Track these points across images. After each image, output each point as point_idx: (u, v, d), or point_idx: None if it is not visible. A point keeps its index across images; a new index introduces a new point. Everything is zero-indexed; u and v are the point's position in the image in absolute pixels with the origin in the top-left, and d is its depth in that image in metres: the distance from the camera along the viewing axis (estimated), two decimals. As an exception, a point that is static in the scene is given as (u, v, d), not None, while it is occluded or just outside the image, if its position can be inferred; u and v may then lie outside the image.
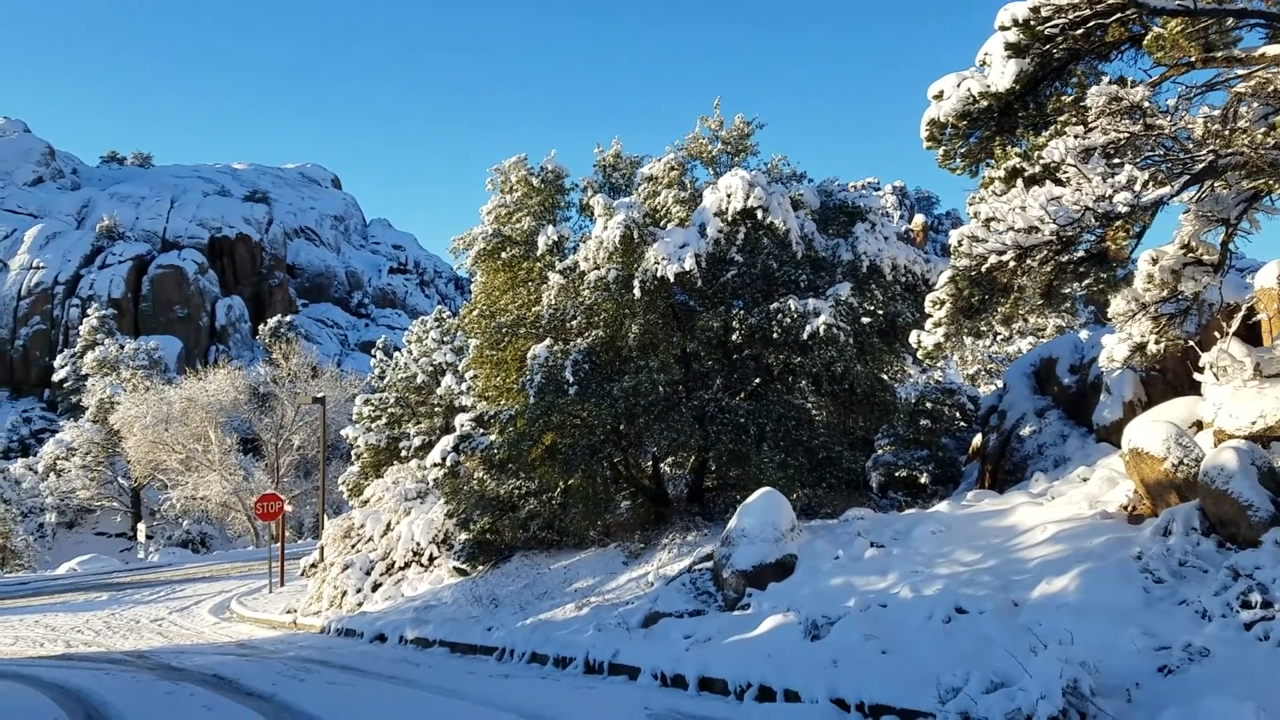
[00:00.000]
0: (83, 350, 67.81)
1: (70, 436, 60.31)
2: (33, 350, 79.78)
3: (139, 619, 24.84)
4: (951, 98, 11.72)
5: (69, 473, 58.69)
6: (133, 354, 64.68)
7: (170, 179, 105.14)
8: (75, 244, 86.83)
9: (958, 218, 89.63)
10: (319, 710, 10.39)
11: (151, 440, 53.11)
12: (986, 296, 10.63)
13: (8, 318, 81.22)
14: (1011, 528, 11.21)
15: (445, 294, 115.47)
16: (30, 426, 72.64)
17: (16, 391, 79.51)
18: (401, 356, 32.38)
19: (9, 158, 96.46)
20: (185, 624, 23.58)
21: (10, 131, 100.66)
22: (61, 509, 58.30)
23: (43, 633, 22.97)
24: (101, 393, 60.70)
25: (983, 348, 28.57)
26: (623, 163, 19.02)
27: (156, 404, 54.46)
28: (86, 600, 30.28)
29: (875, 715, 8.02)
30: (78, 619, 25.45)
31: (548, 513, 18.64)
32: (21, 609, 28.78)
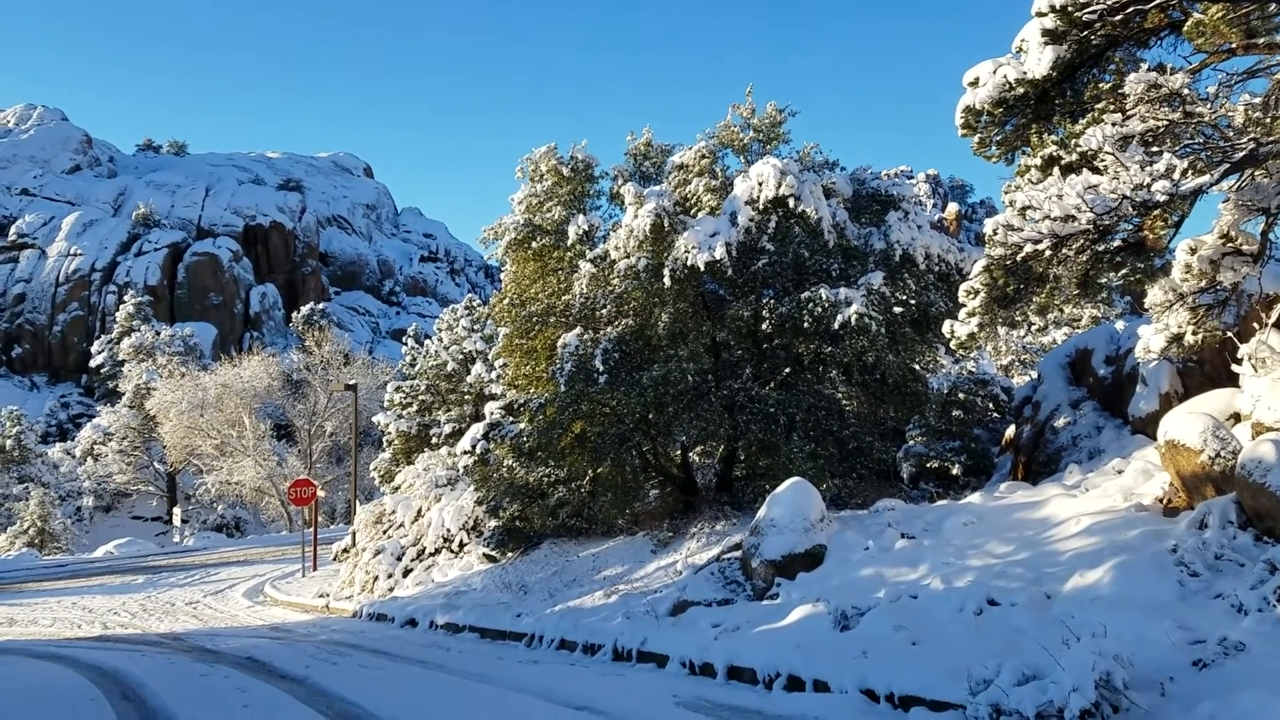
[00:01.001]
0: (119, 336, 68.78)
1: (107, 421, 61.26)
2: (70, 336, 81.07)
3: (174, 602, 25.22)
4: (987, 85, 11.59)
5: (106, 457, 59.63)
6: (168, 340, 65.54)
7: (205, 167, 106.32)
8: (112, 231, 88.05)
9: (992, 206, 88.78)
10: (351, 693, 10.50)
11: (187, 426, 53.84)
12: (1022, 286, 10.53)
13: (46, 304, 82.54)
14: (1045, 520, 11.11)
15: (475, 282, 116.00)
16: (68, 411, 73.93)
17: (54, 377, 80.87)
18: (432, 344, 32.59)
19: (47, 146, 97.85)
20: (220, 607, 23.92)
21: (48, 120, 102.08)
22: (98, 493, 59.26)
23: (80, 614, 23.39)
24: (138, 378, 61.57)
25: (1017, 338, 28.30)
26: (653, 151, 18.98)
27: (192, 390, 55.18)
28: (123, 583, 30.78)
29: (905, 706, 7.98)
30: (114, 601, 25.88)
31: (577, 501, 18.71)
32: (59, 591, 29.31)
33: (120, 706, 10.37)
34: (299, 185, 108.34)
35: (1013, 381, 22.03)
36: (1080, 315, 27.29)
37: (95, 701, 10.74)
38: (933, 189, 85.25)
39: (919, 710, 7.84)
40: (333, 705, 9.93)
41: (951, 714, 7.55)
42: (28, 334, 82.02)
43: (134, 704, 10.50)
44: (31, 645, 17.64)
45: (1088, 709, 6.66)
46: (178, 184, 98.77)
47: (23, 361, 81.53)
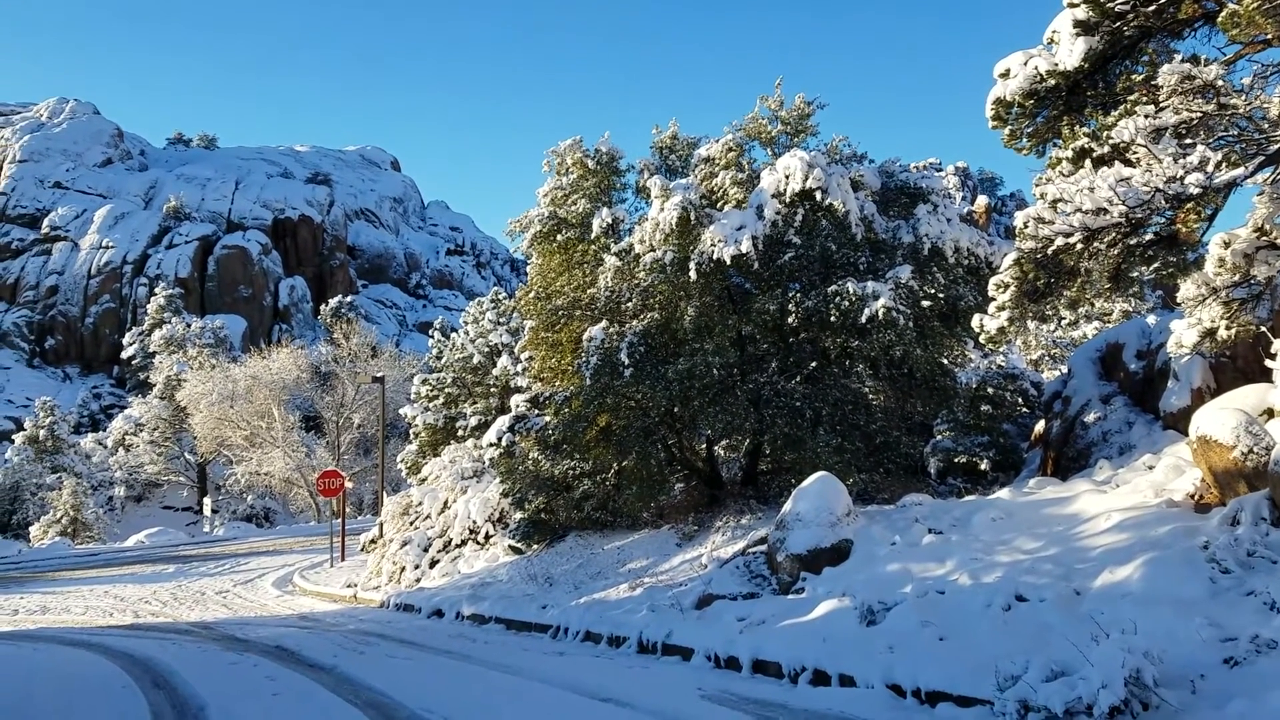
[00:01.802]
0: (150, 328, 69.50)
1: (139, 412, 61.97)
2: (102, 328, 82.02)
3: (204, 591, 25.50)
4: (1018, 76, 11.49)
5: (137, 448, 60.34)
6: (199, 332, 66.17)
7: (235, 161, 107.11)
8: (143, 224, 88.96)
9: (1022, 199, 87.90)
10: (379, 682, 10.59)
11: (217, 417, 54.40)
12: (1052, 280, 10.44)
13: (78, 296, 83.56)
14: (1074, 515, 11.02)
15: (501, 275, 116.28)
16: (100, 402, 74.88)
17: (87, 368, 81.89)
18: (458, 337, 32.71)
19: (79, 139, 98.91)
20: (249, 596, 24.16)
21: (80, 114, 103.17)
22: (130, 483, 59.96)
23: (112, 603, 23.71)
24: (169, 370, 62.22)
25: (1047, 332, 28.04)
26: (679, 144, 18.94)
27: (222, 381, 55.73)
28: (154, 572, 31.16)
29: (932, 701, 7.95)
30: (145, 590, 26.21)
31: (602, 494, 18.75)
32: (92, 579, 29.72)
33: (151, 694, 10.52)
34: (327, 179, 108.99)
35: (1042, 376, 21.84)
36: (1111, 310, 27.01)
37: (127, 689, 10.90)
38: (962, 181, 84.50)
39: (946, 706, 7.81)
40: (360, 694, 10.02)
41: (979, 710, 7.51)
42: (60, 326, 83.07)
43: (165, 691, 10.64)
44: (64, 633, 17.90)
45: (1117, 706, 6.62)
46: (208, 177, 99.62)
47: (55, 353, 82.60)
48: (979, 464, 16.45)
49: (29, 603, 24.23)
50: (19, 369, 79.98)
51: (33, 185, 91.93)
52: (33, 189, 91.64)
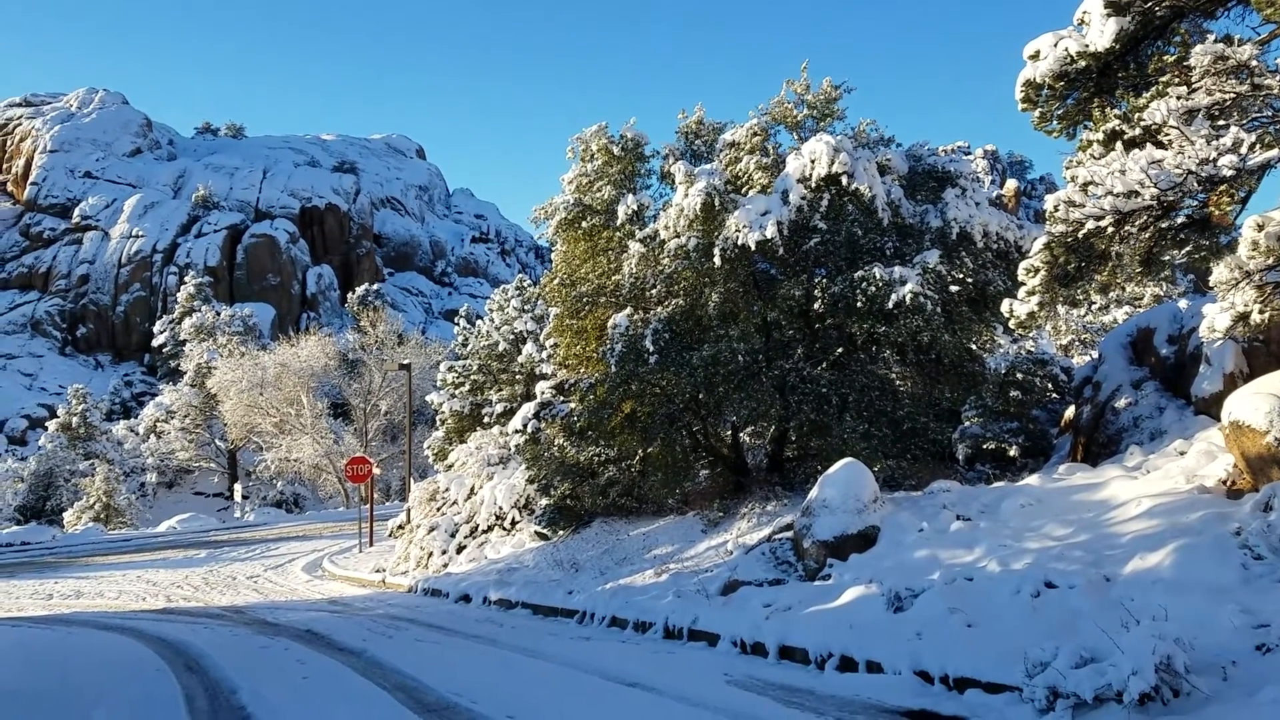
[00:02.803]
0: (180, 316, 70.22)
1: (169, 400, 62.69)
2: (133, 316, 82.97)
3: (235, 575, 25.80)
4: (1048, 58, 11.35)
5: (168, 434, 61.06)
6: (228, 320, 66.78)
7: (262, 150, 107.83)
8: (172, 213, 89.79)
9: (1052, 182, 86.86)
10: (407, 666, 10.68)
11: (247, 404, 54.95)
12: (1083, 264, 10.32)
13: (109, 285, 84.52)
14: (1104, 502, 10.92)
15: (526, 263, 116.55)
16: (131, 390, 75.79)
17: (118, 356, 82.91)
18: (483, 325, 32.82)
19: (109, 129, 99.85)
20: (279, 581, 24.42)
21: (109, 104, 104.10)
22: (161, 469, 60.72)
23: (144, 588, 24.03)
24: (199, 358, 62.86)
25: (1077, 317, 27.73)
26: (705, 129, 18.85)
27: (251, 369, 56.25)
28: (185, 557, 31.55)
29: (960, 688, 7.92)
30: (177, 575, 26.55)
31: (627, 480, 18.77)
32: (125, 565, 30.14)
33: (184, 677, 10.66)
34: (353, 167, 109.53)
35: (1072, 361, 21.59)
36: (1142, 294, 26.69)
37: (160, 672, 11.05)
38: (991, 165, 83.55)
39: (974, 692, 7.78)
40: (389, 677, 10.12)
41: (1008, 696, 7.48)
42: (92, 314, 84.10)
43: (197, 675, 10.78)
44: (98, 617, 18.17)
45: (1147, 692, 6.57)
46: (235, 166, 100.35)
47: (87, 341, 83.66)
48: (1008, 450, 16.31)
49: (64, 587, 24.60)
50: (52, 357, 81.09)
51: (63, 175, 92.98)
52: (63, 179, 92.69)
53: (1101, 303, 27.66)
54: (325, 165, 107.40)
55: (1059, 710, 6.91)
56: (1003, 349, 18.43)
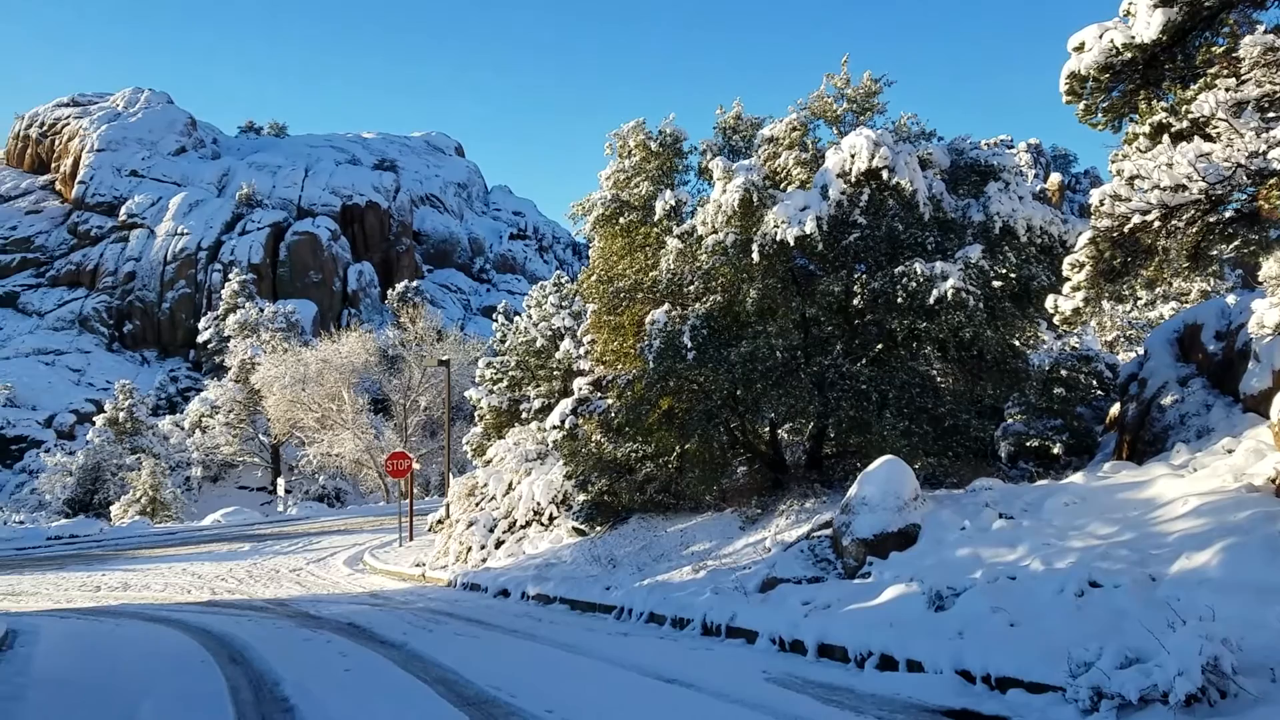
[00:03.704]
0: (225, 313, 71.22)
1: (214, 395, 63.67)
2: (178, 313, 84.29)
3: (278, 569, 26.14)
4: (1093, 50, 11.18)
5: (213, 429, 62.02)
6: (271, 317, 67.68)
7: (304, 148, 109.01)
8: (216, 211, 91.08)
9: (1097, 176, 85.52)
10: (447, 660, 10.77)
11: (289, 399, 55.68)
12: (1129, 259, 10.17)
13: (155, 282, 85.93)
14: (1150, 500, 10.75)
15: (563, 259, 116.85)
16: (177, 385, 77.08)
17: (164, 352, 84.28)
18: (521, 321, 32.98)
19: (155, 128, 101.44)
20: (321, 574, 24.72)
21: (155, 103, 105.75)
22: (206, 463, 61.68)
23: (190, 580, 24.43)
24: (243, 354, 63.77)
25: (1122, 313, 27.32)
26: (743, 124, 18.78)
27: (294, 365, 56.99)
28: (230, 550, 32.03)
29: (1003, 688, 7.84)
30: (221, 568, 26.95)
31: (664, 476, 18.78)
32: (170, 558, 30.66)
33: (228, 669, 10.82)
34: (393, 165, 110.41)
35: (1117, 358, 21.28)
36: (1189, 289, 26.22)
37: (205, 664, 11.23)
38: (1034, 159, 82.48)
39: (1017, 692, 7.70)
40: (430, 671, 10.21)
41: (1051, 696, 7.39)
42: (138, 311, 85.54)
43: (241, 667, 10.94)
44: (145, 609, 18.50)
45: (1194, 694, 6.46)
46: (278, 165, 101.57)
47: (134, 337, 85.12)
48: (1051, 448, 16.11)
49: (111, 579, 25.08)
50: (99, 353, 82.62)
51: (110, 174, 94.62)
52: (110, 177, 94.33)
53: (1147, 298, 27.22)
54: (366, 163, 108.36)
55: (1103, 711, 6.82)
56: (1046, 345, 18.20)
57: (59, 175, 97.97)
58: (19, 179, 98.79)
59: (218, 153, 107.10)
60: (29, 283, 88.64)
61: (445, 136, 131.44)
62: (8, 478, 64.16)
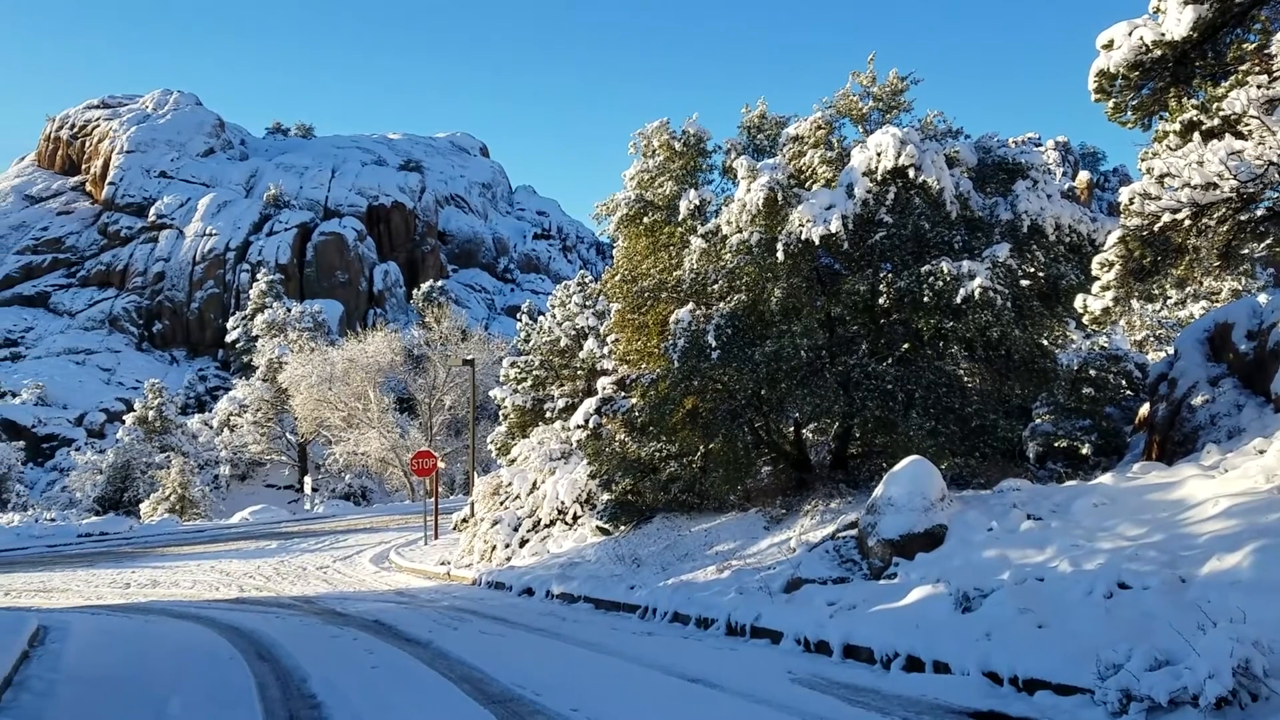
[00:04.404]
0: (253, 313, 71.89)
1: (242, 394, 64.28)
2: (207, 313, 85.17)
3: (305, 566, 26.34)
4: (1122, 47, 11.07)
5: (241, 428, 62.60)
6: (298, 317, 68.23)
7: (331, 149, 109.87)
8: (244, 212, 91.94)
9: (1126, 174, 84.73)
10: (472, 658, 10.81)
11: (316, 398, 56.12)
12: (1159, 258, 10.08)
13: (184, 282, 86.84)
14: (1180, 501, 10.63)
15: (587, 259, 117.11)
16: (205, 384, 77.88)
17: (193, 351, 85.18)
18: (545, 321, 33.07)
19: (183, 130, 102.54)
20: (348, 572, 24.89)
21: (183, 105, 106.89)
22: (234, 462, 62.27)
23: (218, 577, 24.65)
24: (270, 353, 64.32)
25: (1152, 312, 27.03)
26: (768, 123, 18.74)
27: (320, 364, 57.43)
28: (257, 548, 32.30)
29: (1030, 689, 7.78)
30: (249, 565, 27.19)
31: (688, 476, 18.76)
32: (199, 555, 30.96)
33: (256, 665, 10.92)
34: (418, 165, 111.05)
35: (1147, 358, 21.08)
36: (1220, 288, 25.89)
37: (233, 660, 11.33)
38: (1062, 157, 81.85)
39: (1044, 694, 7.64)
40: (455, 669, 10.25)
41: (1079, 699, 7.33)
42: (167, 310, 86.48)
43: (269, 663, 11.03)
44: (173, 606, 18.68)
45: (1224, 696, 6.39)
46: (305, 166, 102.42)
47: (163, 337, 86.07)
48: (1080, 448, 15.97)
49: (140, 577, 25.35)
50: (129, 352, 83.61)
51: (140, 175, 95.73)
52: (140, 178, 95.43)
53: (1177, 297, 26.90)
54: (391, 164, 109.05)
55: (1132, 713, 6.76)
56: (1075, 345, 18.05)
57: (89, 176, 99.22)
58: (50, 180, 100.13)
59: (245, 154, 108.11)
60: (60, 283, 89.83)
61: (470, 137, 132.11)
62: (39, 476, 65.03)
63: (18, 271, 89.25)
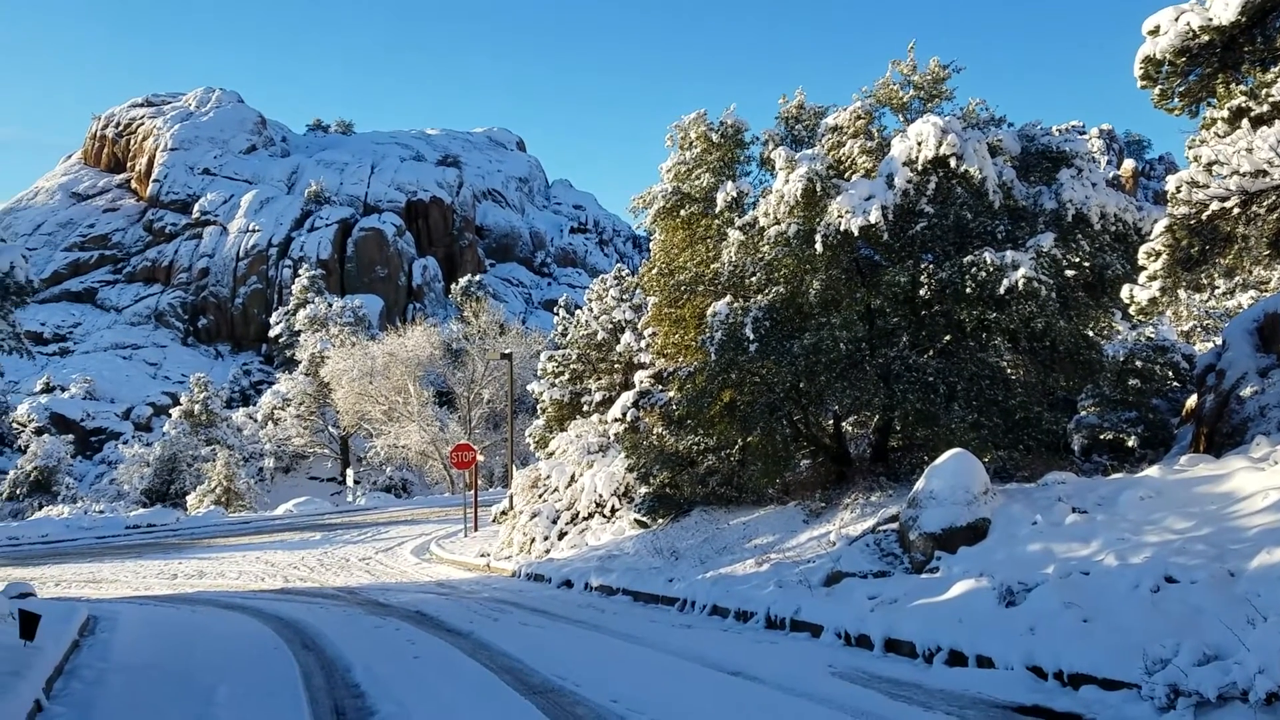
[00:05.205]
0: (295, 308, 72.70)
1: (285, 388, 65.09)
2: (250, 308, 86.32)
3: (348, 557, 26.66)
4: (1169, 33, 10.87)
5: (285, 421, 63.42)
6: (340, 312, 68.93)
7: (370, 145, 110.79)
8: (286, 208, 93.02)
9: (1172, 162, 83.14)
10: (513, 649, 10.89)
11: (357, 392, 56.71)
12: (1207, 246, 9.90)
13: (228, 278, 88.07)
14: (1228, 494, 10.44)
15: (623, 252, 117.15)
16: (249, 378, 78.99)
17: (237, 346, 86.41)
18: (582, 314, 33.14)
19: (226, 128, 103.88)
20: (389, 563, 25.15)
21: (225, 102, 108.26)
22: (278, 454, 63.10)
23: (263, 568, 25.02)
24: (312, 347, 65.05)
25: (1200, 302, 26.53)
26: (806, 114, 18.60)
27: (361, 358, 58.01)
28: (301, 539, 32.72)
29: (1075, 684, 7.69)
30: (294, 556, 27.56)
31: (726, 469, 18.73)
32: (245, 546, 31.43)
33: (301, 655, 11.07)
34: (456, 161, 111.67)
35: (1194, 348, 20.68)
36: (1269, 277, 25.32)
37: (279, 650, 11.51)
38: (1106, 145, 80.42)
39: (1090, 689, 7.55)
40: (496, 659, 10.33)
41: (1125, 694, 7.24)
42: (211, 306, 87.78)
43: (314, 653, 11.19)
44: (220, 596, 19.00)
45: (1274, 692, 6.29)
46: (345, 162, 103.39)
47: (208, 332, 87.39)
48: (1126, 440, 15.71)
49: (187, 568, 25.79)
50: (175, 347, 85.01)
51: (183, 172, 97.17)
52: (183, 176, 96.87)
53: (1226, 287, 26.37)
54: (430, 159, 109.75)
55: (1180, 709, 6.66)
56: (1121, 336, 17.75)
57: (134, 174, 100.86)
58: (96, 178, 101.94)
59: (287, 150, 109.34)
60: (107, 279, 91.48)
61: (507, 132, 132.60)
62: (88, 468, 66.36)
63: (66, 268, 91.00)
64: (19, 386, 72.95)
